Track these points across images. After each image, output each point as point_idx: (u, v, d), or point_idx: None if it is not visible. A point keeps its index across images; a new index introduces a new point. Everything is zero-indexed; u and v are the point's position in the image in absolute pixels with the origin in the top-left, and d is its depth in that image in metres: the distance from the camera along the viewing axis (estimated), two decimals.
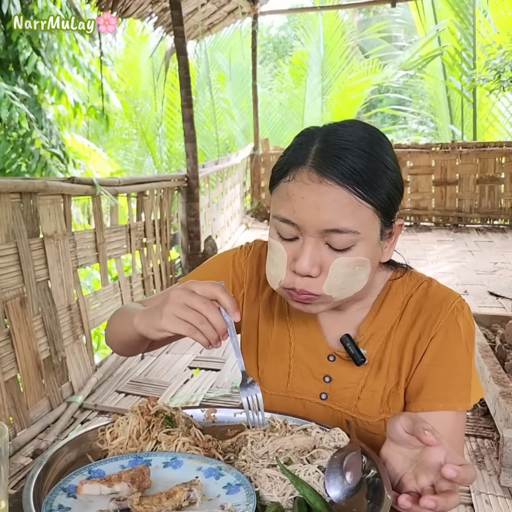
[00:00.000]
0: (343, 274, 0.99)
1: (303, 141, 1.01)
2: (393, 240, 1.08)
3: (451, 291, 1.13)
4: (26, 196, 2.95)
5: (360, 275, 1.01)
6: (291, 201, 0.98)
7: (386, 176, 0.98)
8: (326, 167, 0.95)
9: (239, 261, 1.27)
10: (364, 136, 0.99)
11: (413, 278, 1.17)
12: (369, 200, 0.96)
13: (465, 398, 1.07)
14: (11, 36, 6.16)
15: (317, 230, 0.96)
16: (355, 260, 0.98)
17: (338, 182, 0.94)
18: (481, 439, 2.85)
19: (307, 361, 1.17)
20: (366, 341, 1.13)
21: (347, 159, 0.95)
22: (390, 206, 1.00)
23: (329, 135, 0.99)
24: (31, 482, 0.87)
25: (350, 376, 1.13)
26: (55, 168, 6.65)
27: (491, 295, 5.34)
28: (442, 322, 1.08)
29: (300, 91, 13.17)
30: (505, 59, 7.35)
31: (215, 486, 0.89)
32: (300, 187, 0.97)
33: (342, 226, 0.95)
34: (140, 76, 12.48)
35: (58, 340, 3.24)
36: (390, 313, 1.13)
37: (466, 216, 8.79)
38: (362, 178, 0.95)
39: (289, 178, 0.99)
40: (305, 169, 0.97)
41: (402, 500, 0.81)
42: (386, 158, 0.99)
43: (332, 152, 0.96)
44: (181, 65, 5.31)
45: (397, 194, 1.02)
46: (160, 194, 5.01)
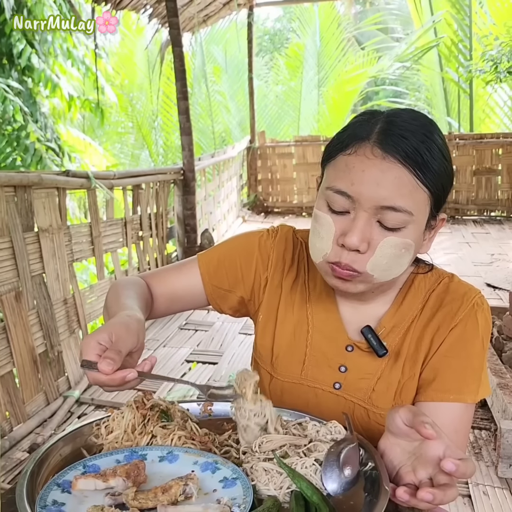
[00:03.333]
0: (389, 254, 0.99)
1: (367, 119, 1.03)
2: (432, 234, 1.09)
3: (472, 287, 1.15)
4: (20, 189, 2.93)
5: (403, 259, 1.02)
6: (350, 173, 0.98)
7: (444, 165, 1.00)
8: (391, 145, 0.96)
9: (266, 243, 1.26)
10: (426, 123, 1.01)
11: (435, 273, 1.18)
12: (426, 184, 0.98)
13: (475, 392, 1.07)
14: (4, 28, 6.11)
15: (373, 205, 0.97)
16: (403, 242, 0.99)
17: (400, 161, 0.96)
18: (479, 431, 2.86)
19: (324, 349, 1.17)
20: (387, 333, 1.13)
21: (412, 141, 0.97)
22: (442, 196, 1.02)
23: (394, 117, 1.01)
24: (24, 478, 0.86)
25: (367, 367, 1.13)
26: (50, 162, 6.61)
27: (488, 286, 5.34)
28: (462, 316, 1.09)
29: (296, 84, 13.11)
30: (501, 50, 7.33)
31: (212, 480, 0.89)
32: (362, 161, 0.98)
33: (398, 204, 0.96)
34: (136, 69, 12.40)
35: (54, 334, 3.22)
36: (412, 307, 1.14)
37: (463, 207, 8.79)
38: (424, 161, 0.97)
39: (350, 152, 1.00)
40: (369, 144, 0.98)
41: (400, 492, 0.81)
42: (445, 148, 1.02)
43: (397, 132, 0.98)
44: (177, 57, 5.28)
45: (449, 185, 1.04)
46: (156, 187, 4.98)
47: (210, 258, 1.27)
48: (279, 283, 1.23)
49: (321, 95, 12.95)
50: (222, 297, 1.26)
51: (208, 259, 1.27)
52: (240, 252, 1.26)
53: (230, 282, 1.25)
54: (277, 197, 9.81)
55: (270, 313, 1.23)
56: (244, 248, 1.26)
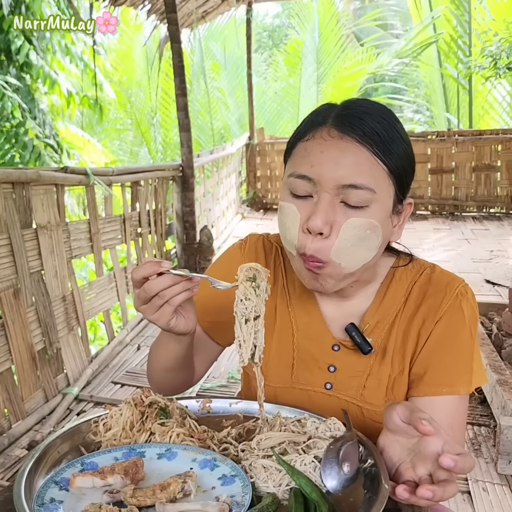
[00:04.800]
0: (354, 236, 0.98)
1: (323, 108, 1.05)
2: (402, 221, 1.09)
3: (455, 276, 1.14)
4: (18, 186, 2.92)
5: (370, 242, 1.00)
6: (309, 156, 0.99)
7: (402, 146, 1.02)
8: (348, 125, 0.98)
9: (237, 257, 1.26)
10: (382, 108, 1.05)
11: (416, 264, 1.17)
12: (386, 162, 0.99)
13: (468, 382, 1.07)
14: (2, 25, 6.09)
15: (334, 185, 0.97)
16: (367, 223, 0.98)
17: (358, 139, 0.97)
18: (478, 427, 2.85)
19: (311, 351, 1.16)
20: (371, 329, 1.13)
21: (368, 121, 0.99)
22: (403, 176, 1.03)
23: (350, 103, 1.04)
24: (22, 476, 0.86)
25: (356, 365, 1.13)
26: (49, 158, 6.60)
27: (487, 283, 5.34)
28: (447, 307, 1.08)
29: (295, 80, 13.10)
30: (501, 46, 7.31)
31: (210, 477, 0.88)
32: (320, 143, 0.99)
33: (359, 181, 0.96)
34: (134, 66, 12.38)
35: (53, 331, 3.22)
36: (394, 301, 1.13)
37: (462, 204, 8.78)
38: (381, 139, 0.98)
39: (308, 137, 1.01)
40: (326, 127, 1.00)
41: (399, 490, 0.80)
42: (402, 131, 1.04)
43: (353, 114, 1.00)
44: (175, 53, 5.26)
45: (409, 168, 1.04)
46: (154, 184, 4.98)
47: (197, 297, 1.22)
48: None
49: (320, 92, 12.93)
50: (223, 331, 1.23)
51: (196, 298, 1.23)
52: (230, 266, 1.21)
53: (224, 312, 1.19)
54: (276, 193, 9.79)
55: None
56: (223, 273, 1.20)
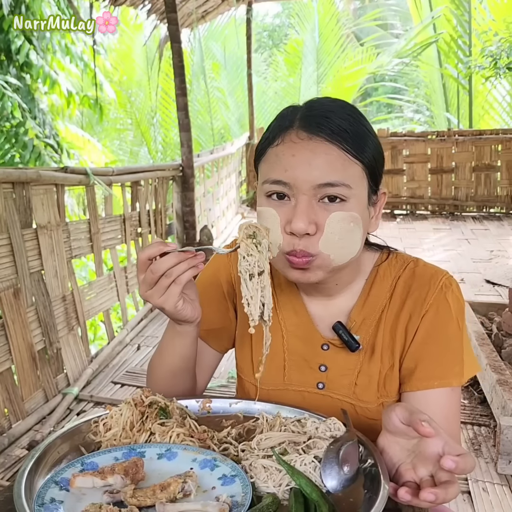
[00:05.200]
0: (339, 229, 0.99)
1: (288, 112, 1.05)
2: (378, 212, 1.09)
3: (438, 269, 1.14)
4: (18, 186, 2.92)
5: (355, 235, 1.01)
6: (281, 161, 1.00)
7: (370, 138, 1.03)
8: (315, 125, 0.99)
9: (224, 263, 1.25)
10: (346, 104, 1.05)
11: (400, 259, 1.17)
12: (357, 157, 0.99)
13: (459, 374, 1.07)
14: (2, 24, 6.09)
15: (310, 186, 0.97)
16: (349, 215, 0.99)
17: (327, 138, 0.98)
18: (478, 427, 2.85)
19: (301, 352, 1.17)
20: (358, 326, 1.13)
21: (334, 119, 0.99)
22: (375, 168, 1.03)
23: (313, 103, 1.05)
24: (22, 476, 0.85)
25: (346, 363, 1.13)
26: (49, 158, 6.60)
27: (487, 283, 5.34)
28: (432, 300, 1.09)
29: (295, 80, 13.11)
30: (501, 46, 7.31)
31: (210, 477, 0.88)
32: (290, 146, 0.99)
33: (334, 179, 0.97)
34: (134, 66, 12.38)
35: (53, 331, 3.22)
36: (379, 297, 1.14)
37: (462, 204, 8.78)
38: (350, 135, 0.99)
39: (278, 142, 1.01)
40: (294, 130, 1.00)
41: (401, 493, 0.81)
42: (367, 124, 1.05)
43: (318, 114, 1.01)
44: (175, 53, 5.26)
45: (380, 158, 1.05)
46: (154, 183, 4.97)
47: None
48: None
49: (320, 92, 12.93)
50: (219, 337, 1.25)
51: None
52: (210, 284, 1.25)
53: (218, 318, 1.25)
54: None
55: (244, 326, 1.21)
56: (212, 279, 1.26)
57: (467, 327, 3.47)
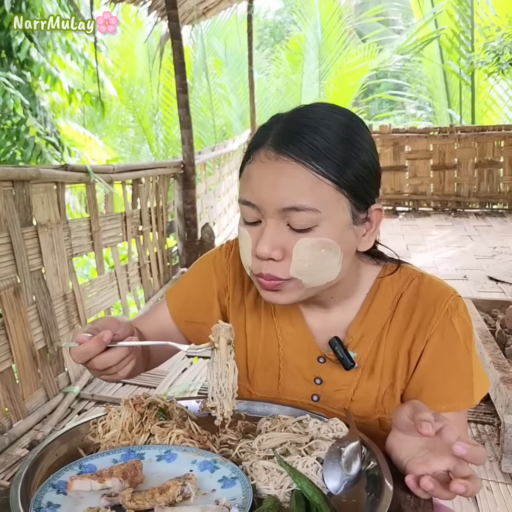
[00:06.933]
0: (308, 256, 0.94)
1: (268, 124, 1.00)
2: (374, 228, 1.01)
3: (444, 288, 1.08)
4: (18, 184, 2.91)
5: (329, 260, 0.95)
6: (250, 181, 0.96)
7: (353, 154, 0.93)
8: (283, 144, 0.92)
9: (220, 263, 1.22)
10: (330, 115, 0.96)
11: (403, 274, 1.11)
12: (329, 177, 0.91)
13: (468, 398, 1.04)
14: (3, 22, 6.07)
15: (275, 209, 0.92)
16: (319, 242, 0.93)
17: (294, 158, 0.91)
18: (482, 425, 2.84)
19: (297, 362, 1.14)
20: (356, 343, 1.09)
21: (306, 135, 0.91)
22: (359, 187, 0.95)
23: (293, 114, 0.97)
24: (19, 479, 0.84)
25: (342, 379, 1.10)
26: (50, 156, 6.59)
27: (490, 280, 5.32)
28: (437, 324, 1.04)
29: (297, 77, 13.08)
30: (504, 41, 7.27)
31: (210, 479, 0.87)
32: (258, 166, 0.95)
33: (299, 203, 0.91)
34: (135, 63, 12.37)
35: (54, 330, 3.20)
36: (380, 314, 1.09)
37: (465, 200, 8.75)
38: (321, 153, 0.91)
39: (250, 160, 0.97)
40: (264, 149, 0.95)
41: (425, 481, 0.80)
42: (355, 137, 0.95)
43: (291, 129, 0.94)
44: (176, 50, 5.25)
45: (369, 176, 0.96)
46: (156, 181, 4.96)
47: (177, 294, 1.26)
48: (241, 300, 1.20)
49: (322, 88, 12.91)
50: (199, 332, 1.21)
51: (175, 295, 1.25)
52: (200, 280, 1.23)
53: (201, 313, 1.22)
54: None
55: (239, 331, 1.19)
56: (203, 276, 1.23)
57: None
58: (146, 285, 4.71)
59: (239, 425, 1.05)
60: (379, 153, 8.64)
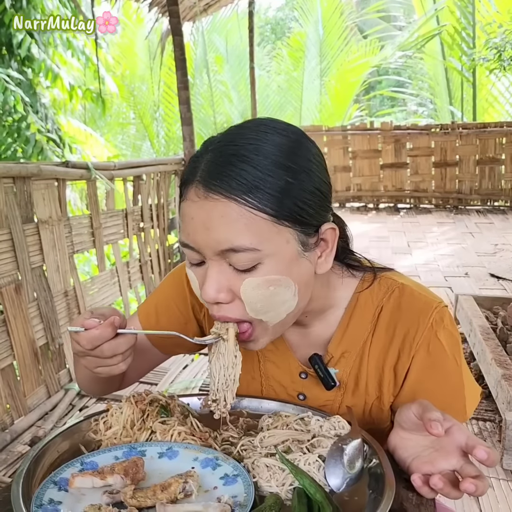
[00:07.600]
0: (258, 297, 0.87)
1: (197, 154, 0.90)
2: (329, 248, 0.93)
3: (427, 300, 1.02)
4: (19, 180, 2.90)
5: (282, 296, 0.88)
6: (184, 223, 0.88)
7: (291, 180, 0.84)
8: (211, 180, 0.83)
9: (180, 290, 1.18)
10: (261, 137, 0.86)
11: (383, 285, 1.04)
12: (265, 210, 0.82)
13: (461, 411, 1.02)
14: (4, 18, 6.06)
15: (212, 252, 0.85)
16: (265, 281, 0.86)
17: (224, 194, 0.82)
18: (483, 422, 2.84)
19: (279, 378, 1.12)
20: (337, 360, 1.06)
21: (234, 168, 0.82)
22: (303, 214, 0.86)
23: (221, 142, 0.88)
24: (20, 476, 0.84)
25: (325, 395, 1.08)
26: (51, 153, 6.57)
27: (492, 277, 5.32)
28: (421, 340, 1.00)
29: (298, 73, 13.05)
30: (505, 38, 7.26)
31: (212, 477, 0.87)
32: (189, 206, 0.87)
33: (236, 244, 0.83)
34: (136, 59, 12.35)
35: (55, 326, 3.20)
36: (360, 328, 1.05)
37: (466, 197, 8.74)
38: (253, 185, 0.82)
39: (183, 198, 0.89)
40: (193, 185, 0.86)
41: (435, 479, 0.79)
42: (294, 159, 0.85)
43: (218, 162, 0.85)
44: (177, 46, 5.23)
45: (313, 199, 0.87)
46: (157, 178, 4.95)
47: (148, 310, 1.20)
48: None
49: (323, 85, 12.89)
50: (175, 345, 1.18)
51: (147, 311, 1.20)
52: (173, 294, 1.18)
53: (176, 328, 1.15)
54: None
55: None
56: (175, 290, 1.18)
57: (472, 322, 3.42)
58: (147, 282, 4.70)
59: (241, 423, 1.05)
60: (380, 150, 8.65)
